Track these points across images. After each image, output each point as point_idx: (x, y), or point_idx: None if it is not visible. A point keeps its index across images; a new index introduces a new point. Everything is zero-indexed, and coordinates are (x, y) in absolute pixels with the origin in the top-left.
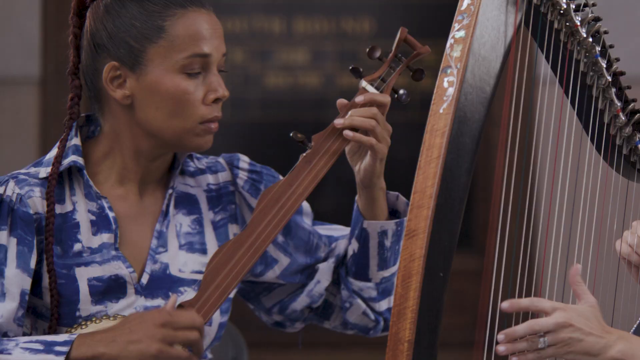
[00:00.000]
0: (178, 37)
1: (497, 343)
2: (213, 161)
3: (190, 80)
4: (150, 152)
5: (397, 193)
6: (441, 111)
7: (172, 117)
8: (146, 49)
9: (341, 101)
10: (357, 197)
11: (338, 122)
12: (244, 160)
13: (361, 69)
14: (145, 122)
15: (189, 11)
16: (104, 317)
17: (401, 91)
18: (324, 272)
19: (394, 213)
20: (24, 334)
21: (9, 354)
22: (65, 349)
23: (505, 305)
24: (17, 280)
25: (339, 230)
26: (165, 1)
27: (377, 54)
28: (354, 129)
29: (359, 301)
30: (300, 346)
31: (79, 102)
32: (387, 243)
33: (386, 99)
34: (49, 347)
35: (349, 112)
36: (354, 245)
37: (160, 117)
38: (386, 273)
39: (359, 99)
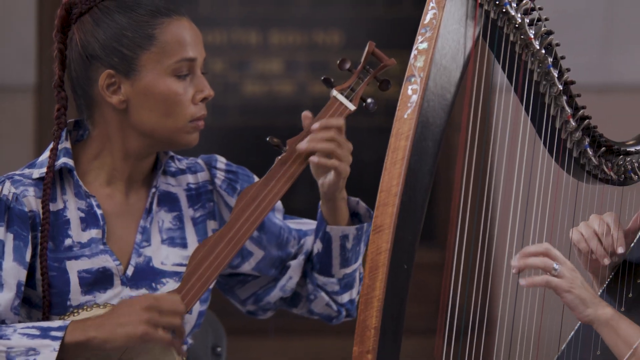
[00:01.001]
0: (168, 44)
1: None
2: (192, 162)
3: (180, 83)
4: (140, 152)
5: (357, 199)
6: (405, 116)
7: (166, 117)
8: (139, 56)
9: (305, 114)
10: (320, 204)
11: (301, 146)
12: (221, 161)
13: (332, 79)
14: (139, 123)
15: (174, 20)
16: (94, 306)
17: (369, 100)
18: (295, 269)
19: (355, 215)
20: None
21: (8, 339)
22: (60, 333)
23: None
24: (14, 272)
25: (308, 224)
26: (152, 12)
27: (347, 65)
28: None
29: (323, 294)
30: (272, 334)
31: (65, 112)
32: (348, 245)
33: (339, 122)
34: (45, 332)
35: (308, 138)
36: (318, 245)
37: (154, 118)
38: (348, 270)
39: (314, 126)
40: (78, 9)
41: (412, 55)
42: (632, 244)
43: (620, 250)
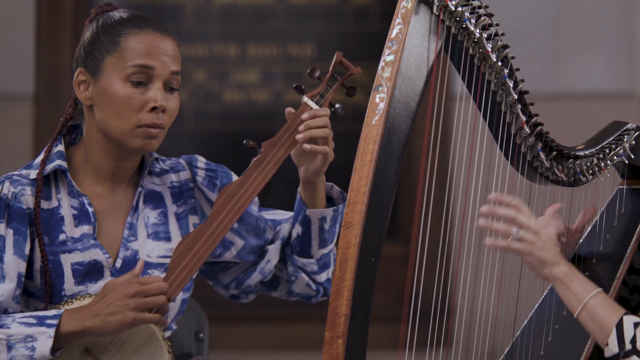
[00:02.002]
0: (127, 50)
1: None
2: (175, 162)
3: (133, 89)
4: (112, 151)
5: (331, 183)
6: (373, 122)
7: (116, 118)
8: (104, 58)
9: (289, 110)
10: (299, 189)
11: (299, 137)
12: (201, 161)
13: (303, 87)
14: (100, 121)
15: (144, 32)
16: (87, 296)
17: (337, 105)
18: (273, 252)
19: (329, 200)
20: (20, 311)
21: (8, 327)
22: (55, 321)
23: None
24: (15, 264)
25: (281, 215)
26: (126, 22)
27: (317, 74)
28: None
29: (303, 275)
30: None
31: (68, 121)
32: (326, 226)
33: (326, 112)
34: (41, 321)
35: (303, 126)
36: (298, 229)
37: (108, 117)
38: (325, 250)
39: (304, 115)
40: (89, 19)
41: (379, 67)
42: (581, 241)
43: (563, 239)
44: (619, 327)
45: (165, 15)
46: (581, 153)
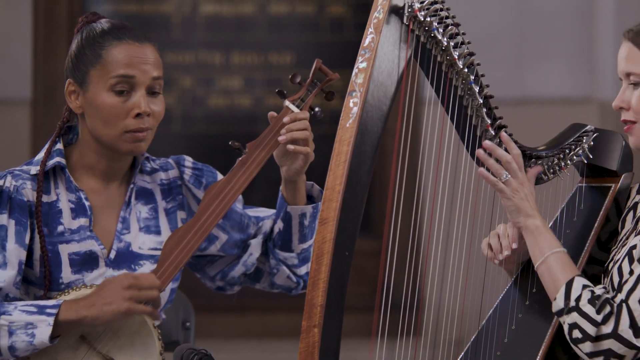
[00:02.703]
0: (109, 62)
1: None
2: (164, 161)
3: (117, 97)
4: (105, 153)
5: (312, 182)
6: (348, 125)
7: (105, 126)
8: (89, 71)
9: (271, 113)
10: (281, 188)
11: (281, 138)
12: (188, 160)
13: (285, 92)
14: (91, 128)
15: (123, 43)
16: (82, 286)
17: (316, 109)
18: (255, 246)
19: (310, 198)
20: (20, 298)
21: (10, 315)
22: (54, 310)
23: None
24: (16, 252)
25: (264, 212)
26: (106, 35)
27: (297, 79)
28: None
29: (284, 268)
30: (235, 299)
31: (66, 123)
32: (306, 222)
33: (306, 115)
34: (41, 310)
35: (285, 128)
36: (280, 225)
37: (98, 125)
38: (305, 245)
39: (286, 119)
40: (76, 29)
41: (353, 73)
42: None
43: (514, 245)
44: (569, 285)
45: (154, 25)
46: (543, 153)
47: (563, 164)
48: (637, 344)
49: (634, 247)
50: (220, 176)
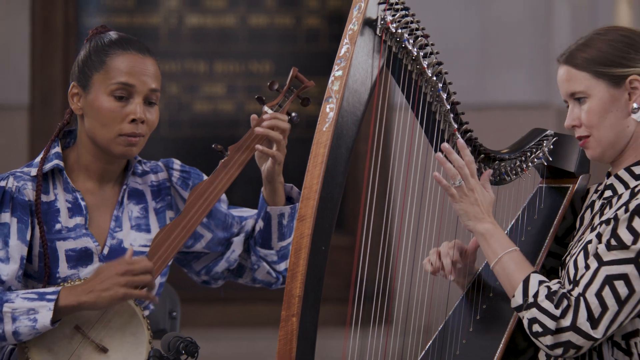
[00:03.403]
0: (112, 69)
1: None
2: (154, 164)
3: (116, 102)
4: (101, 155)
5: (291, 185)
6: (324, 129)
7: (102, 127)
8: (93, 75)
9: (254, 116)
10: (262, 189)
11: (258, 130)
12: (176, 163)
13: (264, 98)
14: (89, 129)
15: (127, 53)
16: (77, 280)
17: (293, 114)
18: (238, 244)
19: (289, 199)
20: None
21: (12, 302)
22: (54, 296)
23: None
24: (18, 248)
25: (247, 212)
26: (112, 44)
27: (275, 86)
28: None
29: (265, 264)
30: (222, 294)
31: (64, 126)
32: (285, 222)
33: (284, 117)
34: (42, 296)
35: (265, 123)
36: (260, 224)
37: (95, 126)
38: (284, 243)
39: (265, 116)
40: (86, 40)
41: (329, 81)
42: (484, 264)
43: (451, 277)
44: (526, 282)
45: (143, 35)
46: (506, 156)
47: (525, 166)
48: (595, 335)
49: (590, 242)
50: (205, 178)
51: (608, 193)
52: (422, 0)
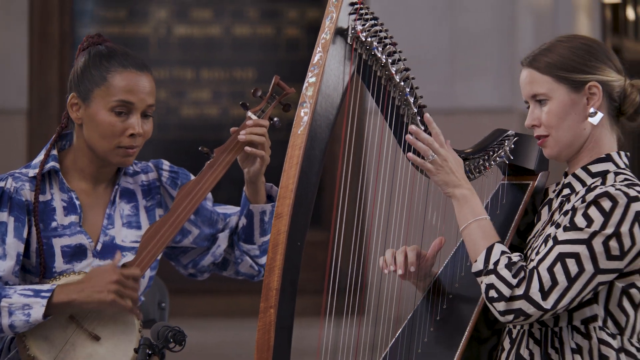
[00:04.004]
0: (113, 86)
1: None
2: (145, 165)
3: (116, 117)
4: (96, 160)
5: (271, 184)
6: (299, 132)
7: (101, 139)
8: (94, 89)
9: (234, 129)
10: (244, 188)
11: (241, 137)
12: (165, 164)
13: (247, 104)
14: (88, 139)
15: (127, 70)
16: (72, 273)
17: (275, 119)
18: (223, 239)
19: (269, 197)
20: (19, 284)
21: (10, 297)
22: (48, 294)
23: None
24: (14, 245)
25: (231, 209)
26: (113, 61)
27: (258, 93)
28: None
29: (247, 258)
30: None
31: (62, 130)
32: (266, 219)
33: (266, 122)
34: (37, 293)
35: (246, 130)
36: (243, 221)
37: (94, 137)
38: (265, 238)
39: (249, 122)
40: (81, 47)
41: (304, 87)
42: (444, 265)
43: (399, 272)
44: (489, 250)
45: (134, 45)
46: (470, 155)
47: (487, 164)
48: (544, 306)
49: (549, 235)
50: (193, 178)
51: (566, 191)
52: (395, 12)
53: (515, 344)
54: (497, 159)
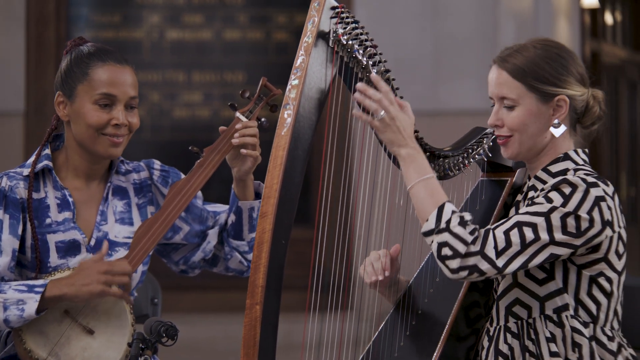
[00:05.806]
0: (95, 81)
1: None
2: (137, 164)
3: (100, 110)
4: (87, 156)
5: (259, 182)
6: (283, 133)
7: (87, 131)
8: (77, 86)
9: (222, 128)
10: (233, 186)
11: (234, 141)
12: (157, 163)
13: (236, 105)
14: (76, 134)
15: (107, 64)
16: (66, 269)
17: (263, 119)
18: (213, 236)
19: (257, 195)
20: (15, 279)
21: (4, 293)
22: (41, 289)
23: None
24: (10, 242)
25: (220, 207)
26: (93, 57)
27: (247, 94)
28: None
29: (237, 254)
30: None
31: (53, 130)
32: (254, 215)
33: (254, 124)
34: (30, 288)
35: (238, 134)
36: (232, 217)
37: (81, 131)
38: (254, 234)
39: (238, 126)
40: (66, 50)
41: (287, 89)
42: (417, 273)
43: (380, 277)
44: (440, 209)
45: (128, 48)
46: (449, 153)
47: (467, 161)
48: (498, 264)
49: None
50: (183, 177)
51: (531, 193)
52: (382, 18)
53: (494, 341)
54: (477, 156)
